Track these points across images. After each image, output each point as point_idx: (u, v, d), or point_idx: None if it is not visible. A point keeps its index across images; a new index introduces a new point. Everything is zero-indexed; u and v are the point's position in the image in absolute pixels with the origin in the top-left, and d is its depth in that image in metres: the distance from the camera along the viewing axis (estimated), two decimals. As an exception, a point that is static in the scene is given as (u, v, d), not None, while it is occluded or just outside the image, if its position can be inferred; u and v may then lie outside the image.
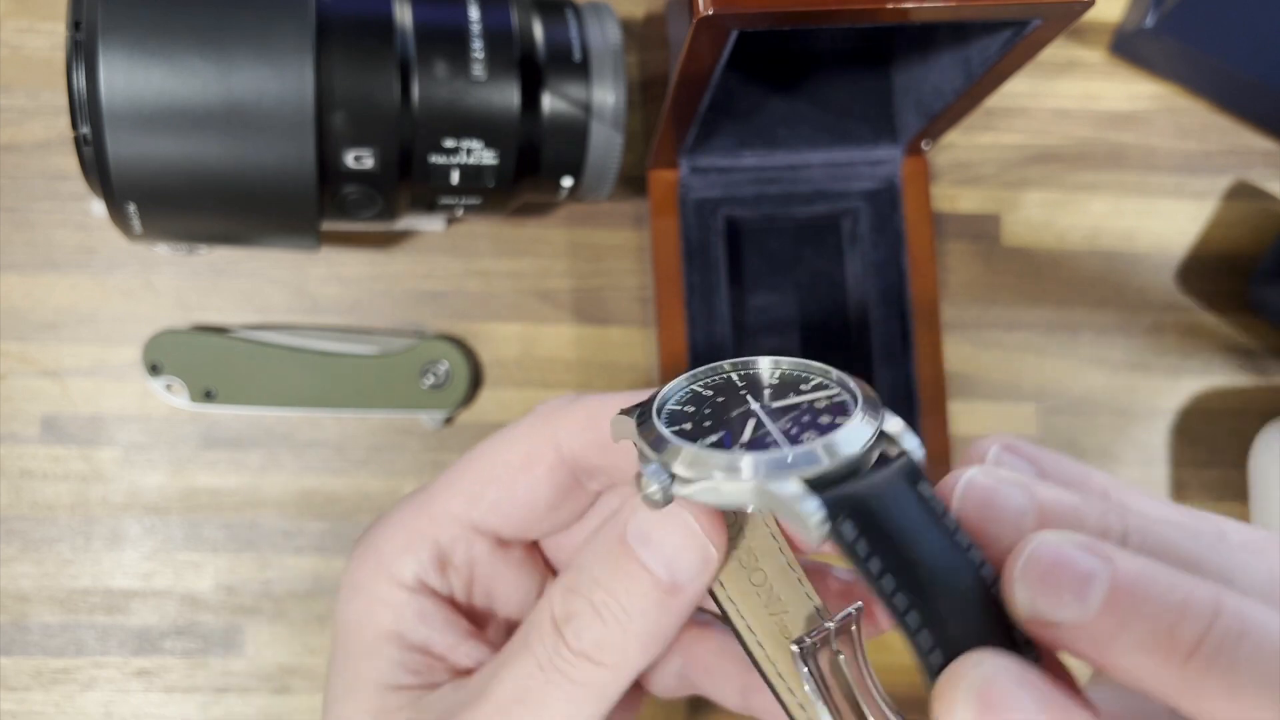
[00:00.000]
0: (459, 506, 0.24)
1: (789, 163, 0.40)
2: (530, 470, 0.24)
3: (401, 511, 0.25)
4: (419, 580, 0.24)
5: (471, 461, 0.25)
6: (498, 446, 0.24)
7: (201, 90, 0.29)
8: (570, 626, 0.20)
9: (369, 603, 0.24)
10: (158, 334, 0.39)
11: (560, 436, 0.24)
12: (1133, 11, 0.42)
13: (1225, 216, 0.44)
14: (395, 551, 0.24)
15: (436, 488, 0.25)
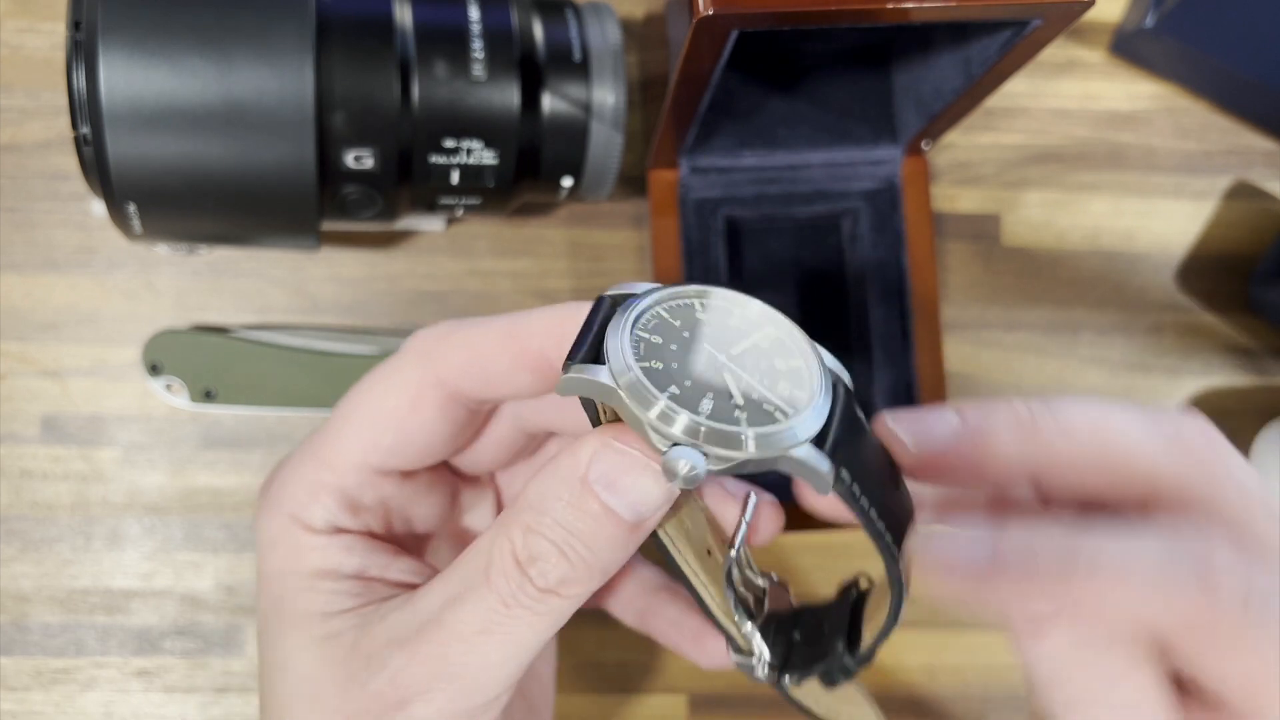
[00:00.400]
0: (356, 454, 0.25)
1: (789, 163, 0.40)
2: (420, 411, 0.24)
3: (300, 462, 0.25)
4: (332, 526, 0.25)
5: (358, 406, 0.25)
6: (382, 389, 0.25)
7: (201, 90, 0.29)
8: (535, 566, 0.21)
9: (291, 550, 0.25)
10: (158, 334, 0.39)
11: (443, 373, 0.24)
12: (1133, 11, 0.42)
13: (1225, 216, 0.44)
14: (301, 503, 0.25)
15: (329, 435, 0.25)
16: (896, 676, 0.41)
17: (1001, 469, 0.21)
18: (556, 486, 0.21)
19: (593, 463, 0.20)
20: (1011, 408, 0.21)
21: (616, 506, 0.20)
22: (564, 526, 0.20)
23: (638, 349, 0.19)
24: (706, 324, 0.20)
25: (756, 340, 0.20)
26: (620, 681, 0.40)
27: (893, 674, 0.41)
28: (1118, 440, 0.20)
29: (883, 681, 0.41)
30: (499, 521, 0.22)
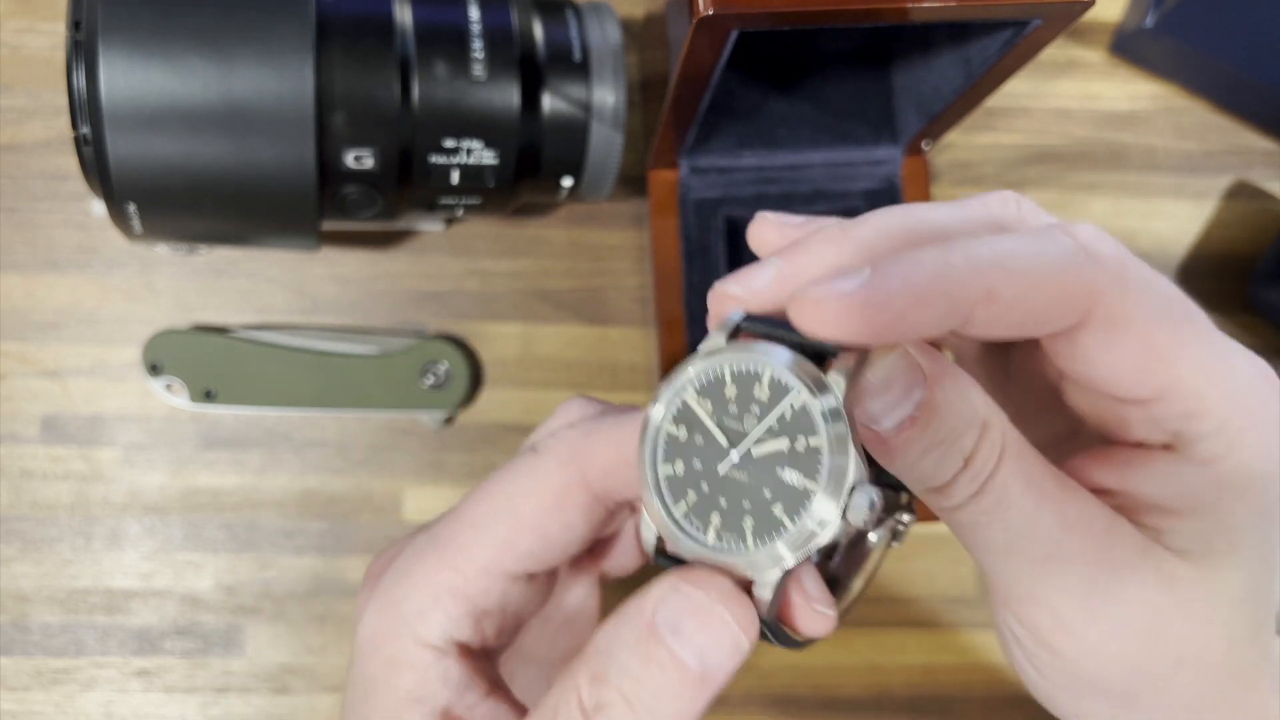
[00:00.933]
0: (489, 558, 0.23)
1: (789, 163, 0.40)
2: (562, 511, 0.23)
3: (422, 563, 0.23)
4: (449, 640, 0.23)
5: (494, 504, 0.23)
6: (524, 489, 0.23)
7: (201, 90, 0.29)
8: (601, 715, 0.20)
9: (391, 663, 0.23)
10: (158, 334, 0.39)
11: (590, 473, 0.23)
12: (1133, 11, 0.42)
13: (1225, 216, 0.44)
14: (420, 610, 0.23)
15: (458, 532, 0.23)
16: (896, 676, 0.41)
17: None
18: (624, 632, 0.20)
19: (659, 606, 0.19)
20: (822, 227, 0.21)
21: (684, 655, 0.19)
22: (629, 675, 0.19)
23: (665, 450, 0.20)
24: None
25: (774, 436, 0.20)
26: (620, 681, 0.40)
27: (893, 674, 0.41)
28: (930, 224, 0.21)
29: (883, 681, 0.41)
30: (569, 669, 0.21)
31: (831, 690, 0.41)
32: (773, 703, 0.41)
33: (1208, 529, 0.20)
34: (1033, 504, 0.19)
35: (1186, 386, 0.20)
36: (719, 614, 0.19)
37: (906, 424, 0.19)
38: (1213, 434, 0.20)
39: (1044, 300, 0.19)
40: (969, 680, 0.41)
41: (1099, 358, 0.20)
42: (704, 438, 0.20)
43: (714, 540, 0.19)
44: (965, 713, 0.41)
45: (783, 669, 0.41)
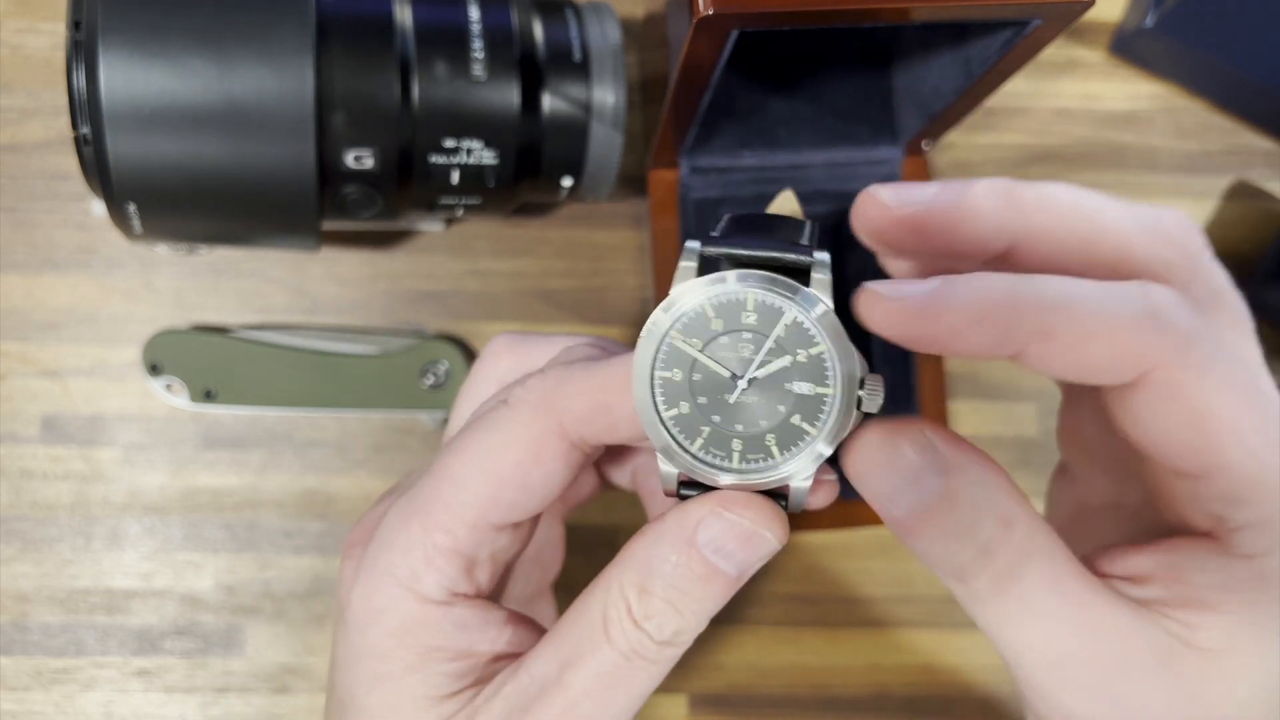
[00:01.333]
0: (475, 512, 0.23)
1: (789, 163, 0.40)
2: (543, 462, 0.23)
3: (405, 523, 0.24)
4: (448, 592, 0.24)
5: (472, 460, 0.23)
6: (500, 441, 0.23)
7: (201, 90, 0.29)
8: (652, 622, 0.22)
9: (400, 626, 0.23)
10: (158, 334, 0.39)
11: (566, 421, 0.23)
12: (1133, 11, 0.42)
13: (1225, 216, 0.44)
14: (415, 569, 0.23)
15: (439, 491, 0.24)
16: (896, 676, 0.41)
17: (978, 234, 0.21)
18: (665, 549, 0.22)
19: (700, 528, 0.21)
20: (991, 180, 0.21)
21: (724, 567, 0.21)
22: (676, 586, 0.22)
23: (663, 394, 0.21)
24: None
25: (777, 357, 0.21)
26: (620, 681, 0.40)
27: (893, 674, 0.41)
28: (1095, 215, 0.21)
29: (883, 681, 0.41)
30: (605, 580, 0.22)
31: (831, 690, 0.41)
32: (773, 703, 0.41)
33: (1239, 626, 0.20)
34: (1054, 607, 0.20)
35: (1235, 471, 0.19)
36: (761, 535, 0.21)
37: (920, 511, 0.20)
38: (1258, 526, 0.20)
39: (1099, 352, 0.19)
40: (969, 680, 0.41)
41: (1148, 421, 0.20)
42: (701, 374, 0.20)
43: (740, 463, 0.21)
44: (965, 713, 0.41)
45: (783, 669, 0.41)
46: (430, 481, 0.24)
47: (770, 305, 0.20)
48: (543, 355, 0.27)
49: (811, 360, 0.20)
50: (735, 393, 0.20)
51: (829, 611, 0.41)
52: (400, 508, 0.24)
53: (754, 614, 0.41)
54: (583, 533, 0.40)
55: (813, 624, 0.41)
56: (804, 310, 0.20)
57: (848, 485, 0.22)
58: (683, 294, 0.20)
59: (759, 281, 0.20)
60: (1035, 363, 0.19)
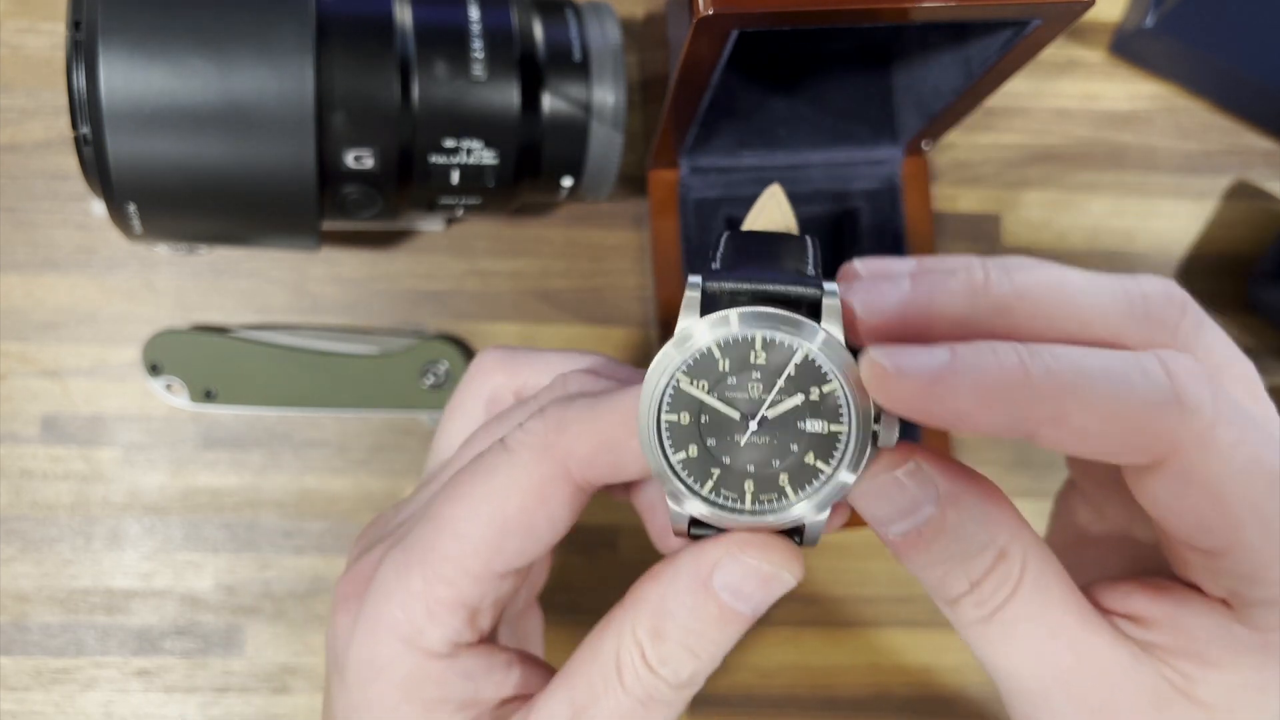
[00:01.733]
0: (479, 565, 0.22)
1: (789, 163, 0.40)
2: (547, 507, 0.22)
3: (405, 576, 0.23)
4: (453, 644, 0.23)
5: (475, 508, 0.22)
6: (502, 488, 0.22)
7: (201, 90, 0.29)
8: (668, 667, 0.22)
9: (405, 681, 0.23)
10: (158, 334, 0.39)
11: (571, 465, 0.22)
12: (1133, 11, 0.42)
13: (1225, 216, 0.44)
14: (417, 624, 0.23)
15: (441, 544, 0.22)
16: (896, 676, 0.41)
17: (951, 332, 0.20)
18: (680, 593, 0.21)
19: (717, 571, 0.21)
20: (968, 267, 0.20)
21: (741, 609, 0.21)
22: (692, 631, 0.21)
23: (670, 438, 0.20)
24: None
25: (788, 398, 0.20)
26: (620, 681, 0.40)
27: (893, 674, 0.41)
28: (1076, 301, 0.20)
29: (883, 681, 0.41)
30: (618, 623, 0.22)
31: (831, 690, 0.41)
32: (773, 703, 0.41)
33: (1241, 688, 0.20)
34: (1043, 638, 0.20)
35: (1253, 553, 0.19)
36: (779, 576, 0.21)
37: (912, 537, 0.20)
38: (1271, 604, 0.19)
39: (1118, 438, 0.18)
40: (969, 680, 0.41)
41: (1166, 503, 0.19)
42: (709, 416, 0.20)
43: (753, 505, 0.20)
44: (965, 713, 0.41)
45: (783, 669, 0.41)
46: (429, 530, 0.23)
47: (780, 344, 0.19)
48: (534, 372, 0.27)
49: (824, 398, 0.19)
50: (746, 434, 0.20)
51: (829, 611, 0.41)
52: (396, 558, 0.23)
53: (754, 614, 0.41)
54: (583, 533, 0.40)
55: (813, 624, 0.41)
56: (815, 348, 0.19)
57: None
58: (688, 332, 0.19)
59: (768, 321, 0.19)
60: (1049, 444, 0.19)
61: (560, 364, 0.27)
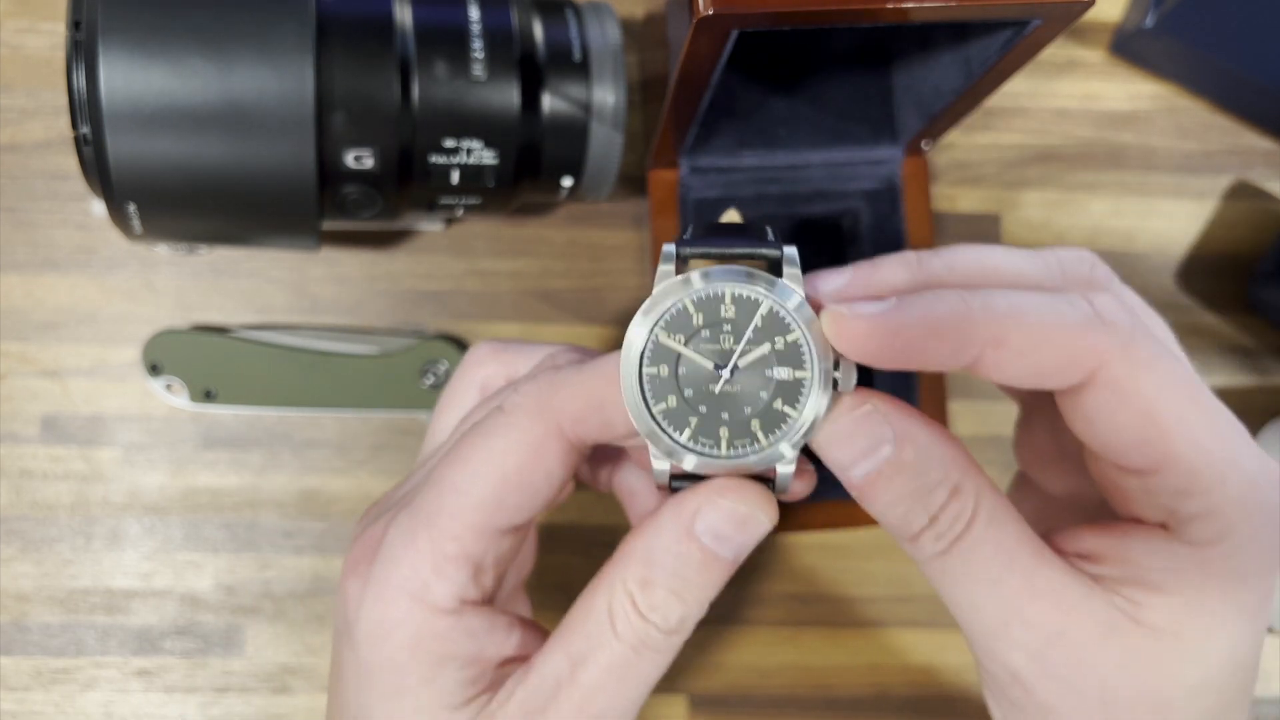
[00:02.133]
0: (482, 519, 0.24)
1: (789, 163, 0.40)
2: (544, 464, 0.24)
3: (413, 538, 0.24)
4: (459, 600, 0.24)
5: (476, 467, 0.24)
6: (501, 446, 0.24)
7: (201, 90, 0.29)
8: (657, 613, 0.23)
9: (414, 638, 0.24)
10: (158, 334, 0.39)
11: (563, 423, 0.24)
12: (1133, 11, 0.42)
13: (1225, 216, 0.44)
14: (426, 580, 0.23)
15: (443, 500, 0.24)
16: (896, 676, 0.41)
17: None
18: (664, 541, 0.23)
19: (698, 517, 0.22)
20: (900, 254, 0.23)
21: (722, 552, 0.23)
22: (678, 575, 0.23)
23: (651, 389, 0.22)
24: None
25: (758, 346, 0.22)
26: (620, 681, 0.40)
27: (893, 674, 0.41)
28: (1000, 267, 0.23)
29: (883, 681, 0.41)
30: (608, 578, 0.23)
31: (831, 690, 0.41)
32: (773, 703, 0.41)
33: (1185, 609, 0.21)
34: (999, 570, 0.21)
35: (1183, 465, 0.20)
36: (755, 517, 0.22)
37: (874, 476, 0.21)
38: (1204, 517, 0.21)
39: (1050, 355, 0.21)
40: (969, 680, 0.41)
41: (1099, 420, 0.21)
42: (686, 367, 0.22)
43: (727, 450, 0.22)
44: (965, 713, 0.41)
45: (783, 669, 0.41)
46: (433, 493, 0.24)
47: (747, 298, 0.21)
48: (525, 363, 0.28)
49: (788, 346, 0.21)
50: (719, 383, 0.22)
51: (829, 611, 0.41)
52: (402, 523, 0.24)
53: (754, 614, 0.41)
54: (583, 533, 0.40)
55: (813, 624, 0.41)
56: (779, 300, 0.21)
57: (839, 485, 0.22)
58: (664, 293, 0.22)
59: (735, 276, 0.21)
60: (990, 371, 0.21)
61: (550, 353, 0.28)
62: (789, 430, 0.21)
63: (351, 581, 0.25)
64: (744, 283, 0.21)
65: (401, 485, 0.27)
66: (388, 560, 0.24)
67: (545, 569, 0.41)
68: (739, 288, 0.21)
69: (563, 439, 0.24)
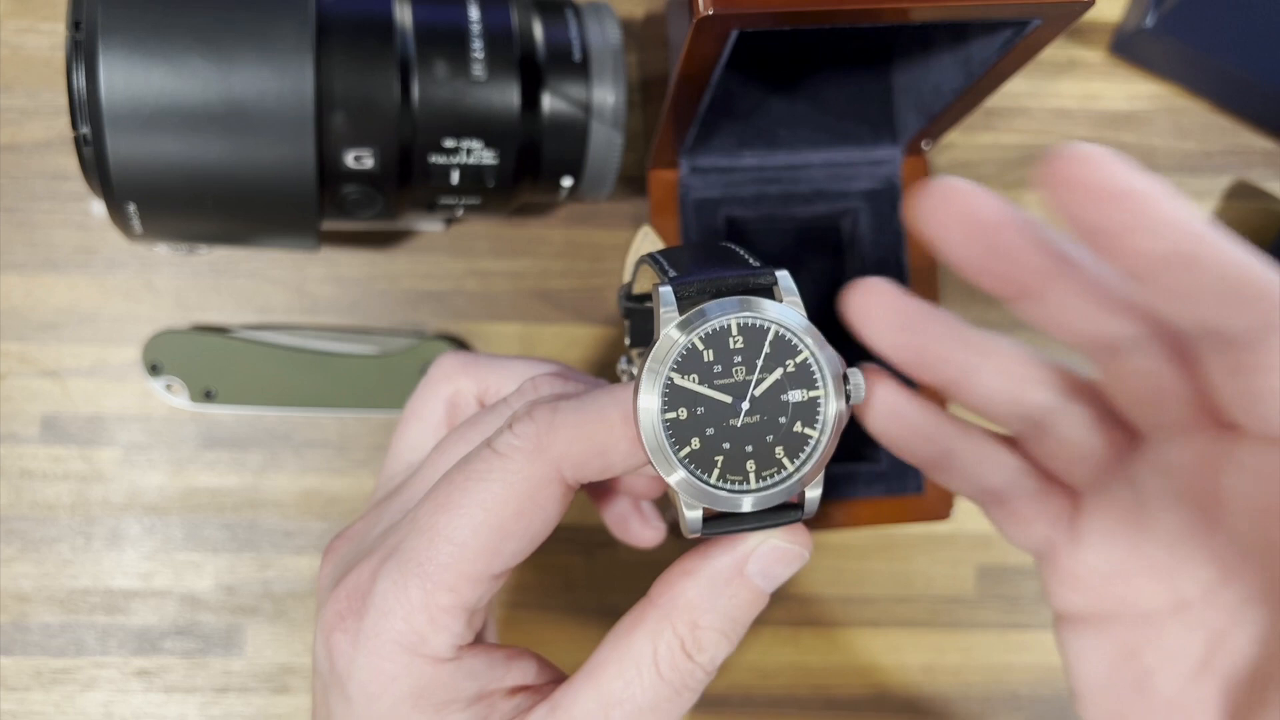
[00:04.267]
0: (479, 570, 0.23)
1: (789, 163, 0.40)
2: (542, 508, 0.23)
3: (405, 590, 0.23)
4: (456, 649, 0.23)
5: (470, 516, 0.23)
6: (498, 492, 0.22)
7: (201, 90, 0.29)
8: (705, 654, 0.23)
9: (415, 688, 0.23)
10: (158, 334, 0.39)
11: (563, 466, 0.22)
12: (1133, 11, 0.42)
13: (1225, 216, 0.44)
14: (422, 633, 0.23)
15: (438, 553, 0.23)
16: (896, 676, 0.41)
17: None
18: (719, 584, 0.23)
19: (753, 558, 0.23)
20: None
21: (766, 588, 0.23)
22: (725, 616, 0.23)
23: (673, 435, 0.21)
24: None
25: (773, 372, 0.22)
26: (620, 681, 0.40)
27: (893, 674, 0.41)
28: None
29: (883, 681, 0.41)
30: (653, 620, 0.23)
31: (831, 690, 0.41)
32: (773, 703, 0.41)
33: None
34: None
35: None
36: (801, 554, 0.23)
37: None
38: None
39: (1210, 286, 0.17)
40: (969, 680, 0.41)
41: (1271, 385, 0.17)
42: (704, 406, 0.21)
43: (757, 483, 0.21)
44: (965, 713, 0.41)
45: (783, 669, 0.41)
46: (423, 541, 0.23)
47: (753, 326, 0.21)
48: (498, 378, 0.27)
49: (799, 368, 0.21)
50: (740, 416, 0.21)
51: (829, 611, 0.41)
52: (392, 573, 0.23)
53: (754, 614, 0.41)
54: (583, 533, 0.40)
55: (813, 624, 0.41)
56: (782, 324, 0.21)
57: (839, 485, 0.22)
58: (671, 336, 0.21)
59: (738, 307, 0.21)
60: (1159, 300, 0.18)
61: (524, 370, 0.27)
62: (811, 450, 0.21)
63: (339, 636, 0.24)
64: (748, 311, 0.21)
65: (374, 519, 0.26)
66: (380, 613, 0.23)
67: (546, 569, 0.41)
68: (744, 317, 0.21)
69: (561, 483, 0.23)
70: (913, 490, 0.40)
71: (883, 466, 0.40)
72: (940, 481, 0.25)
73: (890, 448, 0.25)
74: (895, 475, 0.40)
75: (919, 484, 0.40)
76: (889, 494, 0.40)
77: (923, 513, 0.40)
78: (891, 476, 0.40)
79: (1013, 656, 0.41)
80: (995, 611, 0.41)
